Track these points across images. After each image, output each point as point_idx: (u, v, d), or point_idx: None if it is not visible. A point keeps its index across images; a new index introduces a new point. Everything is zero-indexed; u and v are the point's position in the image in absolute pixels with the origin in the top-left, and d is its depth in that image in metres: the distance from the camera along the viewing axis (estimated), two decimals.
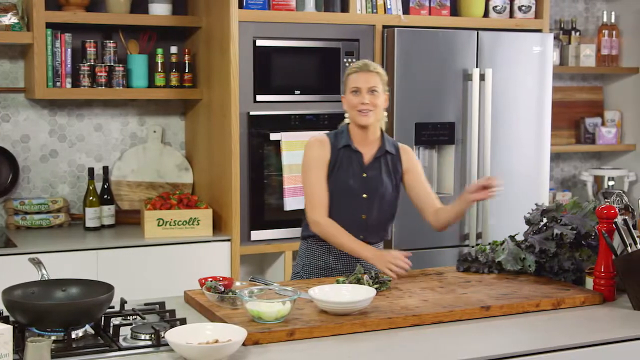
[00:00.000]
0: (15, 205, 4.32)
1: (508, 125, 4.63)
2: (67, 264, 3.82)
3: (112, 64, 4.34)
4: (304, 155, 3.27)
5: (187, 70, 4.49)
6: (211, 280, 2.74)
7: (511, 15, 4.78)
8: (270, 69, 4.22)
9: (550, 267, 3.08)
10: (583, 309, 2.80)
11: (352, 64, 3.29)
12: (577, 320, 2.68)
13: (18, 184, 4.42)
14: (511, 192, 4.64)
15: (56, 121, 4.49)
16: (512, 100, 4.63)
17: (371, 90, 3.18)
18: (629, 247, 2.81)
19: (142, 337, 2.37)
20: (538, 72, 4.69)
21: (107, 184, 4.44)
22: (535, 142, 4.72)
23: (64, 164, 4.53)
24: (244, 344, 2.33)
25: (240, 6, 4.15)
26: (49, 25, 4.14)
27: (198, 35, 4.52)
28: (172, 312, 2.60)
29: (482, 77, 4.50)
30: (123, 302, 2.65)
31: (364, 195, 3.23)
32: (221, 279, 2.81)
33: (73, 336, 2.33)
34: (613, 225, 2.85)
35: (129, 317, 2.55)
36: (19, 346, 2.25)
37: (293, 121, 4.27)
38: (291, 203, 4.22)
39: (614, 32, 5.48)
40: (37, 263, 2.66)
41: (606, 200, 3.20)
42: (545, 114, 4.73)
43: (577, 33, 5.45)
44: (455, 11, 4.69)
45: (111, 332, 2.40)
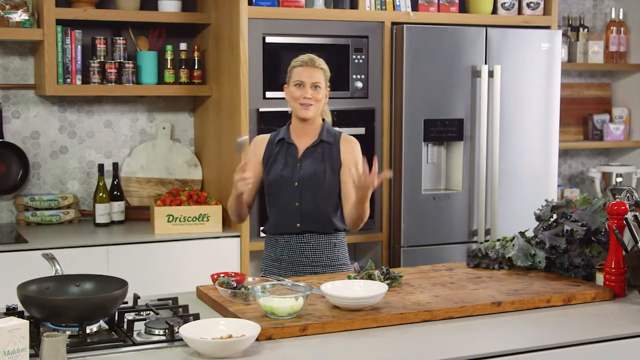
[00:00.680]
0: (25, 201, 4.34)
1: (516, 121, 4.64)
2: (78, 259, 3.84)
3: (121, 60, 4.36)
4: None
5: (196, 67, 4.51)
6: (224, 276, 2.76)
7: (519, 12, 4.78)
8: (279, 66, 4.23)
9: (560, 263, 3.08)
10: (593, 304, 2.81)
11: (297, 57, 3.30)
12: (588, 316, 2.68)
13: (28, 180, 4.44)
14: (520, 188, 4.67)
15: (66, 118, 4.51)
16: (521, 97, 4.64)
17: (314, 86, 3.23)
18: (639, 243, 2.81)
19: (156, 332, 2.39)
20: (546, 68, 4.70)
21: (117, 180, 4.45)
22: (543, 138, 4.72)
23: (73, 161, 4.55)
24: (257, 339, 2.34)
25: (250, 3, 4.17)
26: (59, 22, 4.16)
27: (207, 32, 4.53)
28: (185, 307, 2.61)
29: (491, 74, 4.51)
30: (136, 297, 2.67)
31: (295, 184, 3.26)
32: (233, 274, 2.82)
33: (87, 331, 2.35)
34: (623, 221, 2.86)
35: (142, 313, 2.57)
36: (34, 341, 2.26)
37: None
38: None
39: (622, 28, 5.48)
40: (51, 259, 2.68)
41: (617, 196, 3.20)
42: (554, 110, 4.74)
43: (585, 30, 5.46)
44: (463, 8, 4.70)
45: (125, 327, 2.42)
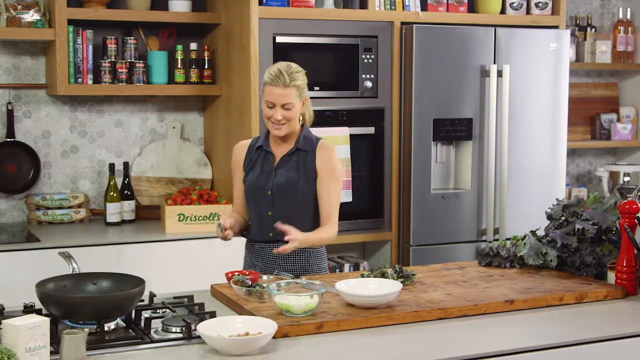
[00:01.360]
0: (36, 200, 4.36)
1: (525, 121, 4.66)
2: (90, 258, 3.85)
3: (132, 60, 4.38)
4: None
5: (206, 67, 4.53)
6: (238, 274, 2.78)
7: (528, 11, 4.80)
8: None
9: (572, 261, 3.10)
10: (605, 303, 2.83)
11: (270, 69, 3.16)
12: (600, 314, 2.70)
13: (39, 179, 4.46)
14: (528, 187, 4.69)
15: (77, 117, 4.54)
16: (529, 96, 4.66)
17: (286, 107, 3.12)
18: None
19: (173, 329, 2.41)
20: (554, 68, 4.71)
21: (128, 180, 4.47)
22: (551, 138, 4.74)
23: (84, 160, 4.57)
24: (274, 337, 2.36)
25: (260, 3, 4.19)
26: (70, 22, 4.18)
27: (217, 32, 4.55)
28: (201, 305, 2.63)
29: (500, 74, 4.53)
30: (152, 295, 2.69)
31: (269, 192, 3.18)
32: (247, 273, 2.84)
33: (105, 329, 2.37)
34: (635, 220, 2.88)
35: (158, 311, 2.59)
36: (53, 338, 2.28)
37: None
38: None
39: (629, 28, 5.49)
40: (68, 257, 2.70)
41: (628, 195, 3.22)
42: (562, 110, 4.76)
43: (593, 29, 5.47)
44: (472, 8, 4.72)
45: (142, 325, 2.44)
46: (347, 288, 2.65)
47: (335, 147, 3.30)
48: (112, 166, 4.40)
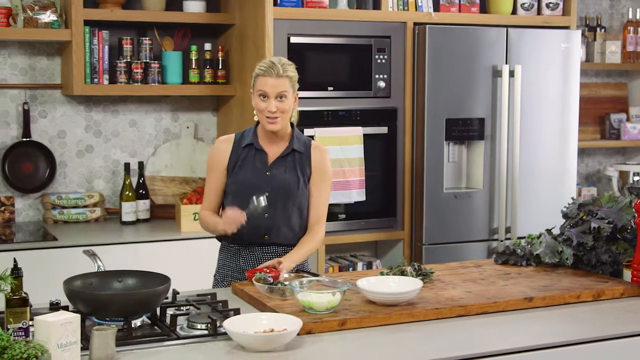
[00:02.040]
0: (52, 199, 4.40)
1: (536, 121, 4.69)
2: (107, 257, 3.84)
3: (147, 60, 4.42)
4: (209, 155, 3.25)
5: (220, 67, 4.56)
6: (260, 272, 2.81)
7: (539, 12, 4.83)
8: (303, 66, 4.27)
9: (587, 259, 3.14)
10: (622, 300, 2.86)
11: (261, 62, 3.10)
12: (617, 312, 2.74)
13: (55, 179, 4.50)
14: (539, 187, 4.72)
15: (92, 117, 4.57)
16: (540, 96, 4.69)
17: (280, 96, 3.04)
18: None
19: (198, 326, 2.45)
20: (565, 68, 4.74)
21: (143, 179, 4.51)
22: (562, 138, 4.77)
23: (99, 159, 4.61)
24: (298, 334, 2.39)
25: (275, 3, 4.22)
26: (86, 22, 4.22)
27: (231, 32, 4.59)
28: (225, 302, 2.67)
29: (512, 74, 4.56)
30: (175, 293, 2.73)
31: (266, 194, 3.07)
32: (268, 271, 2.88)
33: (132, 325, 2.40)
34: None
35: (182, 308, 2.62)
36: (81, 334, 2.32)
37: (326, 117, 4.34)
38: None
39: (639, 28, 5.52)
40: (92, 255, 2.74)
41: None
42: (573, 110, 4.79)
43: (603, 30, 5.50)
44: (484, 8, 4.75)
45: (168, 321, 2.47)
46: (368, 285, 2.68)
47: (327, 148, 3.27)
48: (127, 166, 4.44)
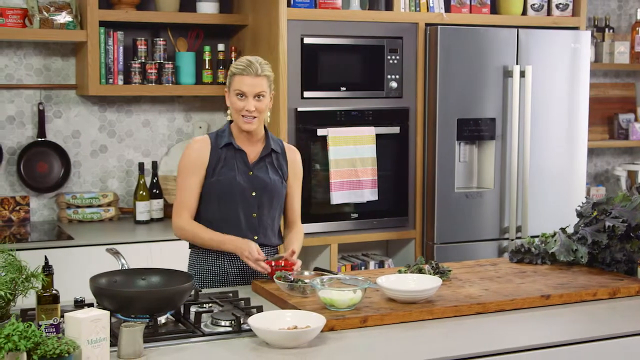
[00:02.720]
0: (67, 199, 4.44)
1: (547, 121, 4.72)
2: (124, 255, 3.92)
3: (161, 61, 4.45)
4: (181, 158, 3.13)
5: None
6: (281, 271, 2.85)
7: (549, 13, 4.86)
8: (316, 66, 4.33)
9: (602, 258, 3.17)
10: (638, 298, 2.90)
11: (237, 61, 3.07)
12: (634, 309, 2.78)
13: (69, 178, 4.53)
14: (549, 186, 4.75)
15: (106, 117, 4.61)
16: (551, 96, 4.72)
17: (257, 96, 3.01)
18: None
19: (222, 323, 2.48)
20: (575, 69, 4.78)
21: (156, 179, 4.55)
22: (572, 138, 4.81)
23: (113, 159, 4.64)
24: (320, 330, 2.43)
25: (288, 4, 4.25)
26: (101, 23, 4.25)
27: (244, 33, 4.62)
28: (247, 300, 2.70)
29: (522, 74, 4.59)
30: (197, 290, 2.76)
31: (253, 194, 3.07)
32: (283, 263, 2.91)
33: (157, 322, 2.44)
34: None
35: (204, 305, 2.66)
36: None
37: (339, 117, 4.37)
38: (337, 197, 4.32)
39: None
40: (115, 253, 2.78)
41: None
42: (582, 110, 4.82)
43: (611, 30, 5.54)
44: (494, 9, 4.78)
45: (193, 318, 2.51)
46: (388, 283, 2.72)
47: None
48: (141, 165, 4.48)
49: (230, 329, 2.45)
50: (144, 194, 4.44)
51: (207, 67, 4.57)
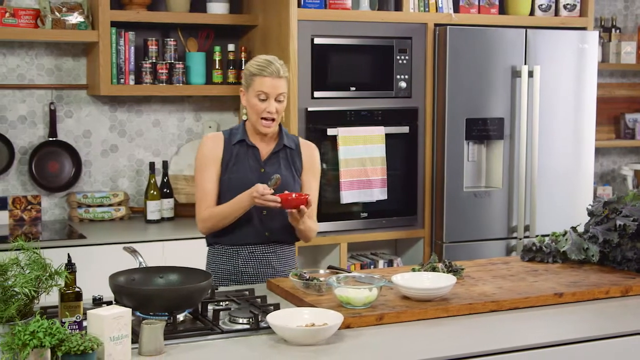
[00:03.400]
0: (78, 198, 4.46)
1: (555, 121, 4.75)
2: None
3: (172, 61, 4.48)
4: (196, 154, 3.15)
5: (243, 68, 4.61)
6: (296, 269, 2.88)
7: (556, 13, 4.89)
8: (326, 66, 4.35)
9: (613, 256, 3.20)
10: None
11: (255, 61, 3.06)
12: None
13: (80, 178, 4.56)
14: (557, 186, 4.78)
15: (116, 117, 4.64)
16: (558, 96, 4.75)
17: (279, 99, 3.02)
18: None
19: (240, 320, 2.51)
20: (583, 69, 4.80)
21: (167, 178, 4.57)
22: (579, 137, 4.83)
23: (123, 159, 4.67)
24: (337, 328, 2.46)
25: (299, 5, 4.28)
26: (112, 24, 4.28)
27: (253, 34, 4.65)
28: (264, 297, 2.73)
29: (531, 74, 4.62)
30: (214, 289, 2.79)
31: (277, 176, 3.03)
32: (295, 195, 2.94)
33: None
34: None
35: (221, 303, 2.68)
36: None
37: (349, 117, 4.40)
38: (347, 196, 4.35)
39: None
40: (133, 251, 2.80)
41: None
42: (590, 110, 4.85)
43: (617, 31, 5.56)
44: (503, 9, 4.81)
45: (211, 316, 2.53)
46: (403, 281, 2.74)
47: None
48: (152, 165, 4.50)
49: (248, 326, 2.48)
50: (154, 193, 4.47)
51: (217, 67, 4.60)
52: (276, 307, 2.61)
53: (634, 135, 5.63)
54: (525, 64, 4.63)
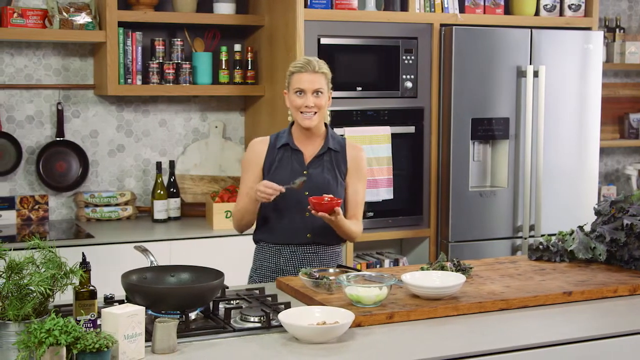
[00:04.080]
0: (85, 198, 4.48)
1: (560, 120, 4.76)
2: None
3: (179, 61, 4.50)
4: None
5: (249, 68, 4.64)
6: (306, 268, 2.89)
7: (561, 13, 4.90)
8: (333, 66, 4.32)
9: (620, 255, 3.21)
10: None
11: (295, 61, 3.18)
12: None
13: (87, 177, 4.58)
14: (562, 185, 4.80)
15: (123, 117, 4.65)
16: (563, 96, 4.77)
17: (316, 92, 3.09)
18: None
19: (252, 319, 2.52)
20: (588, 69, 4.82)
21: (173, 178, 4.59)
22: (584, 137, 4.85)
23: (130, 159, 4.69)
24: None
25: (305, 5, 4.29)
26: (120, 24, 4.30)
27: (260, 34, 4.66)
28: (274, 296, 2.75)
29: (536, 74, 4.63)
30: (225, 287, 2.80)
31: (306, 193, 3.09)
32: (328, 199, 2.99)
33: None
34: None
35: (232, 302, 2.70)
36: None
37: (355, 116, 4.42)
38: None
39: None
40: (144, 250, 2.82)
41: None
42: (595, 110, 4.87)
43: (622, 31, 5.58)
44: (508, 10, 4.82)
45: (223, 315, 2.55)
46: (413, 280, 2.76)
47: (363, 147, 3.31)
48: (159, 164, 4.52)
49: (259, 324, 2.49)
50: (161, 192, 4.48)
51: (223, 67, 4.62)
52: (287, 305, 2.62)
53: (638, 135, 5.65)
54: (530, 64, 4.65)
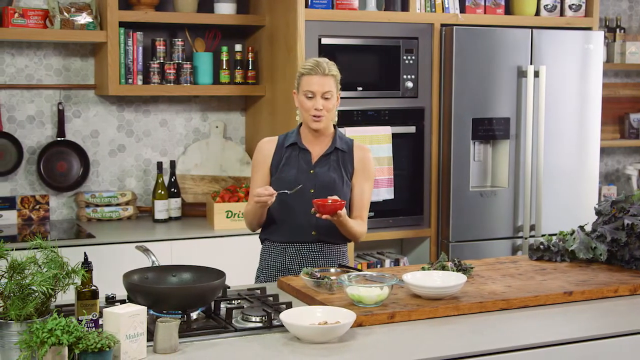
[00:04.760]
0: (86, 198, 4.48)
1: (560, 120, 4.77)
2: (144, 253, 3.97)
3: (180, 61, 4.50)
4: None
5: (250, 68, 4.64)
6: (308, 267, 2.90)
7: (562, 13, 4.91)
8: None
9: (621, 255, 3.22)
10: None
11: (305, 62, 3.19)
12: None
13: (88, 177, 4.58)
14: (562, 185, 4.80)
15: (124, 117, 4.66)
16: (564, 96, 4.77)
17: (325, 95, 3.11)
18: None
19: (253, 319, 2.52)
20: (588, 69, 4.82)
21: (174, 178, 4.59)
22: (585, 137, 4.85)
23: (131, 159, 4.69)
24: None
25: (306, 5, 4.30)
26: (121, 24, 4.30)
27: (260, 34, 4.67)
28: (276, 296, 2.75)
29: (536, 74, 4.64)
30: (226, 287, 2.81)
31: (311, 191, 3.13)
32: (331, 201, 3.00)
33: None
34: None
35: (233, 302, 2.70)
36: None
37: (355, 116, 4.42)
38: None
39: None
40: (145, 250, 2.82)
41: None
42: (595, 110, 4.87)
43: (622, 31, 5.58)
44: (508, 10, 4.83)
45: (223, 314, 2.55)
46: (414, 280, 2.76)
47: (369, 147, 3.33)
48: (159, 164, 4.52)
49: (260, 324, 2.50)
50: (162, 192, 4.48)
51: (224, 67, 4.62)
52: (288, 305, 2.63)
53: (639, 135, 5.65)
54: (531, 64, 4.65)
